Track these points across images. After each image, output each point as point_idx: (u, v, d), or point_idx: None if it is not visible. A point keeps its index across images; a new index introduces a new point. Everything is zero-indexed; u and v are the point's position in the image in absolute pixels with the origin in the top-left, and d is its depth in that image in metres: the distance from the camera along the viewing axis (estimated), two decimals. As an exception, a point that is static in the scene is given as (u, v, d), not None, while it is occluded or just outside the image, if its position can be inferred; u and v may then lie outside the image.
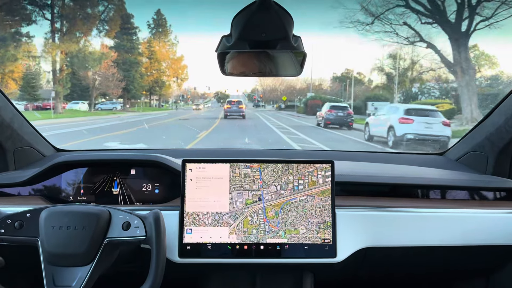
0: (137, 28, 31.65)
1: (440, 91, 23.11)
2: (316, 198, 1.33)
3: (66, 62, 22.55)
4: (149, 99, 36.29)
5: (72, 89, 23.99)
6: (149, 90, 34.50)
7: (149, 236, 1.13)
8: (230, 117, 21.89)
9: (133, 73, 30.19)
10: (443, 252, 1.45)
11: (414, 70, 24.47)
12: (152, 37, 34.68)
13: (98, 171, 1.52)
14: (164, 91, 36.45)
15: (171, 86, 37.81)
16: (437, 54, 18.54)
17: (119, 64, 28.22)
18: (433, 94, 23.33)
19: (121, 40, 30.01)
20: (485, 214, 1.41)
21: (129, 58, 30.21)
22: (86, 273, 1.10)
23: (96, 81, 24.98)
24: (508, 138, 1.59)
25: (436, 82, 23.50)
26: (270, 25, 1.05)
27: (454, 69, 16.86)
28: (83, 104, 25.28)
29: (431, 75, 23.29)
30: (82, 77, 24.42)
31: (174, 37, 36.12)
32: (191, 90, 47.50)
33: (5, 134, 1.65)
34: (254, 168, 1.34)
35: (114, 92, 26.69)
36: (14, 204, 1.39)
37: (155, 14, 34.68)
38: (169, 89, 37.52)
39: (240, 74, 1.23)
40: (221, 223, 1.31)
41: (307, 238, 1.31)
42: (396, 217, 1.38)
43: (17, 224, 1.14)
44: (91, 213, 1.14)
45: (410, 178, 1.57)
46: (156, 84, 34.59)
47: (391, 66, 25.24)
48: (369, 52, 60.55)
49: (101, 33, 24.17)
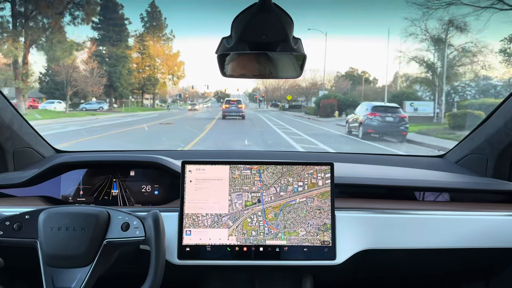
0: (126, 20, 28.60)
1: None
2: (316, 200, 1.33)
3: (31, 53, 18.23)
4: (141, 98, 32.93)
5: (51, 86, 21.72)
6: (141, 89, 31.23)
7: (148, 236, 1.13)
8: (229, 117, 20.61)
9: (120, 69, 26.52)
10: (443, 255, 1.45)
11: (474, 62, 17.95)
12: (145, 31, 31.45)
13: (97, 173, 1.52)
14: (159, 90, 33.41)
15: (166, 84, 34.15)
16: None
17: (103, 58, 25.50)
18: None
19: (106, 32, 27.00)
20: (485, 217, 1.41)
21: (115, 52, 26.84)
22: (85, 274, 1.10)
23: (71, 77, 21.08)
24: (507, 141, 1.59)
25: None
26: (270, 27, 1.05)
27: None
28: (59, 104, 22.44)
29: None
30: (54, 72, 21.34)
31: (170, 32, 32.72)
32: (189, 88, 44.48)
33: (5, 135, 1.65)
34: (254, 170, 1.34)
35: (95, 90, 23.23)
36: (13, 205, 1.38)
37: (149, 6, 31.38)
38: (164, 87, 34.18)
39: (240, 76, 1.23)
40: (220, 224, 1.31)
41: (306, 240, 1.31)
42: (396, 219, 1.38)
43: (15, 226, 1.14)
44: (90, 214, 1.14)
45: (410, 181, 1.57)
46: (149, 81, 31.27)
47: (436, 55, 18.87)
48: (376, 49, 59.23)
49: (75, 20, 19.53)
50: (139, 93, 32.06)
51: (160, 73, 32.74)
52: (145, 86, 31.38)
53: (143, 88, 31.45)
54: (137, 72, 30.43)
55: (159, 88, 33.24)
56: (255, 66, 1.19)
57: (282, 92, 38.23)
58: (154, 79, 31.79)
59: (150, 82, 31.50)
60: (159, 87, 33.18)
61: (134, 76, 29.61)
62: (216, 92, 53.26)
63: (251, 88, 52.88)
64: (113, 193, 1.51)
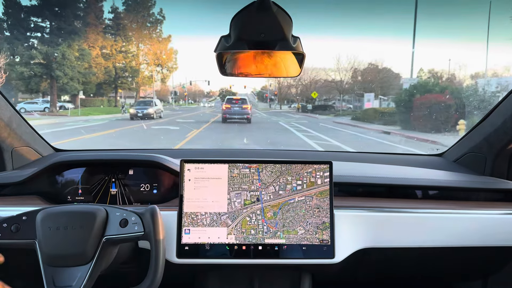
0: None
1: None
2: (315, 198, 1.33)
3: None
4: (115, 95, 24.07)
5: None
6: (113, 83, 22.83)
7: (147, 231, 1.13)
8: (230, 120, 16.79)
9: (64, 50, 18.28)
10: (441, 253, 1.45)
11: None
12: (125, 9, 23.60)
13: (96, 171, 1.52)
14: (142, 85, 24.66)
15: (153, 77, 25.02)
16: None
17: (43, 33, 17.90)
18: None
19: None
20: (483, 215, 1.41)
21: (59, 25, 18.89)
22: (86, 273, 1.10)
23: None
24: (506, 139, 1.59)
25: None
26: (269, 25, 1.05)
27: None
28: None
29: None
30: None
31: (159, 11, 24.89)
32: (187, 86, 36.90)
33: (3, 134, 1.64)
34: (253, 169, 1.34)
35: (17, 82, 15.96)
36: (11, 204, 1.38)
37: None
38: (150, 81, 25.27)
39: (240, 75, 1.22)
40: (219, 223, 1.31)
41: (305, 238, 1.31)
42: (394, 218, 1.39)
43: (13, 227, 1.14)
44: (88, 212, 1.14)
45: (408, 179, 1.57)
46: (124, 72, 22.77)
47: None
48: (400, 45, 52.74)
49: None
50: (110, 89, 23.48)
51: (143, 63, 24.29)
52: (119, 79, 23.17)
53: (116, 82, 23.28)
54: (104, 59, 22.12)
55: (143, 82, 24.98)
56: (254, 64, 1.19)
57: (301, 88, 29.25)
58: (131, 69, 23.41)
59: (127, 74, 23.36)
60: (144, 81, 24.84)
61: (99, 63, 21.21)
62: (221, 90, 47.00)
63: (259, 85, 45.96)
64: (112, 192, 1.51)
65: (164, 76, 26.55)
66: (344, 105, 23.28)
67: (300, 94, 30.12)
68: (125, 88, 24.13)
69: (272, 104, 35.24)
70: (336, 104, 23.71)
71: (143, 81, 25.18)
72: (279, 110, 30.71)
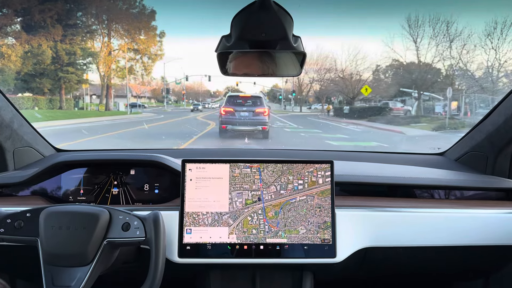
0: None
1: None
2: (316, 198, 1.33)
3: None
4: (59, 93, 16.20)
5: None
6: (54, 75, 15.28)
7: (148, 237, 1.13)
8: (234, 133, 10.77)
9: None
10: (443, 252, 1.45)
11: None
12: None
13: (98, 171, 1.52)
14: (110, 78, 16.20)
15: (133, 69, 16.83)
16: None
17: None
18: None
19: None
20: (484, 214, 1.41)
21: None
22: (85, 274, 1.10)
23: None
24: (507, 138, 1.59)
25: None
26: (270, 25, 1.05)
27: None
28: None
29: None
30: None
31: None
32: (181, 82, 29.91)
33: (5, 134, 1.65)
34: (254, 168, 1.34)
35: None
36: (13, 204, 1.38)
37: None
38: (121, 74, 16.79)
39: (242, 75, 1.23)
40: (220, 223, 1.31)
41: (306, 238, 1.31)
42: (396, 217, 1.38)
43: (16, 223, 1.14)
44: (91, 213, 1.14)
45: (410, 178, 1.57)
46: (71, 56, 14.64)
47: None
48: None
49: None
50: (49, 83, 15.30)
51: (105, 47, 15.37)
52: (62, 69, 15.11)
53: (57, 72, 15.27)
54: (28, 35, 12.71)
55: (117, 75, 16.20)
56: (257, 64, 1.19)
57: (326, 84, 21.57)
58: (84, 52, 15.26)
59: (76, 61, 15.08)
60: (117, 74, 16.14)
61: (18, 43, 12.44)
62: (227, 88, 39.50)
63: (269, 84, 37.77)
64: (114, 192, 1.51)
65: (144, 67, 18.20)
66: (401, 107, 16.15)
67: (331, 91, 22.35)
68: (72, 81, 15.40)
69: (287, 105, 28.53)
70: (389, 105, 16.31)
71: (117, 74, 16.95)
72: (298, 112, 24.27)
